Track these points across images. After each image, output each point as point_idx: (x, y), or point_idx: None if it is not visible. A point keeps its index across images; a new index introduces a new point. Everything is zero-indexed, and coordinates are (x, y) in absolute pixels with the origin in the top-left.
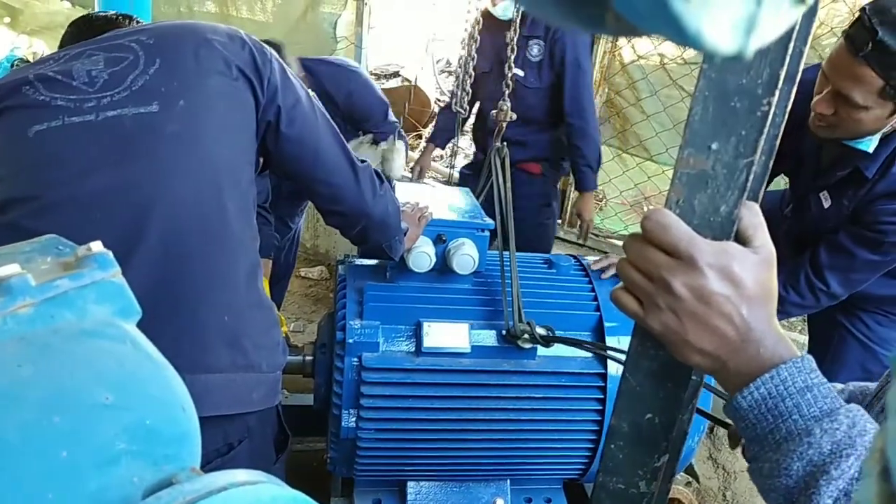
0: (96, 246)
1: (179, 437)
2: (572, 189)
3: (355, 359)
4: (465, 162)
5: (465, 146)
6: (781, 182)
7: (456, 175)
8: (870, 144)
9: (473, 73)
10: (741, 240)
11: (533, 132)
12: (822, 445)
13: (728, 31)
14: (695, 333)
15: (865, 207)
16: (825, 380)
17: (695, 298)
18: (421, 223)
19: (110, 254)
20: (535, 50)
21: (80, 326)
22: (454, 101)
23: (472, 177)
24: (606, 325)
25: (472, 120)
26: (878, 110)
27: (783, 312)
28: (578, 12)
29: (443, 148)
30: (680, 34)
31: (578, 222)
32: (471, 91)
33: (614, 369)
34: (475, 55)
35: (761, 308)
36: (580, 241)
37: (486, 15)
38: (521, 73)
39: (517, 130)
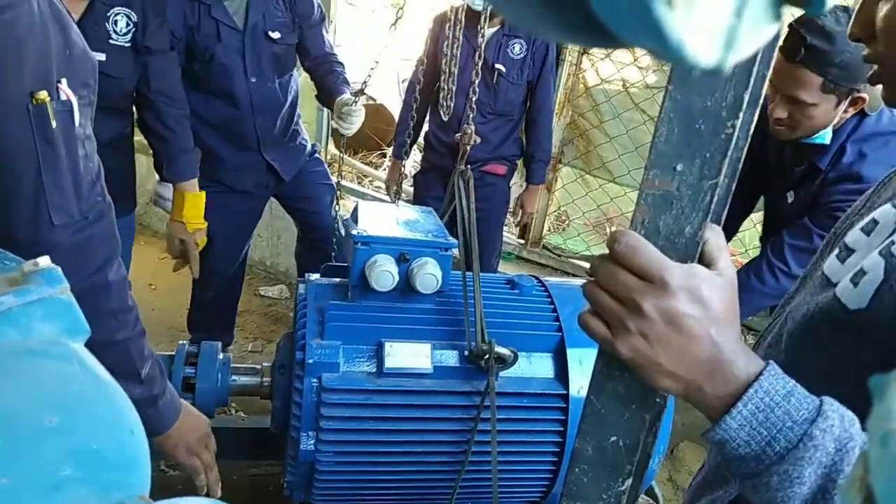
0: (44, 261)
1: (128, 463)
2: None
3: (315, 379)
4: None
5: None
6: None
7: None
8: (825, 137)
9: (454, 71)
10: (706, 262)
11: (504, 126)
12: (826, 446)
13: (708, 42)
14: (666, 357)
15: (821, 193)
16: (792, 379)
17: (665, 321)
18: (201, 454)
19: (58, 269)
20: (516, 48)
21: (24, 345)
22: (442, 100)
23: (432, 174)
24: (568, 347)
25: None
26: (824, 104)
27: (748, 304)
28: (556, 17)
29: (407, 158)
30: (661, 43)
31: (520, 213)
32: (453, 88)
33: (576, 390)
34: (456, 54)
35: (730, 329)
36: (543, 262)
37: (466, 13)
38: (502, 68)
39: (491, 125)
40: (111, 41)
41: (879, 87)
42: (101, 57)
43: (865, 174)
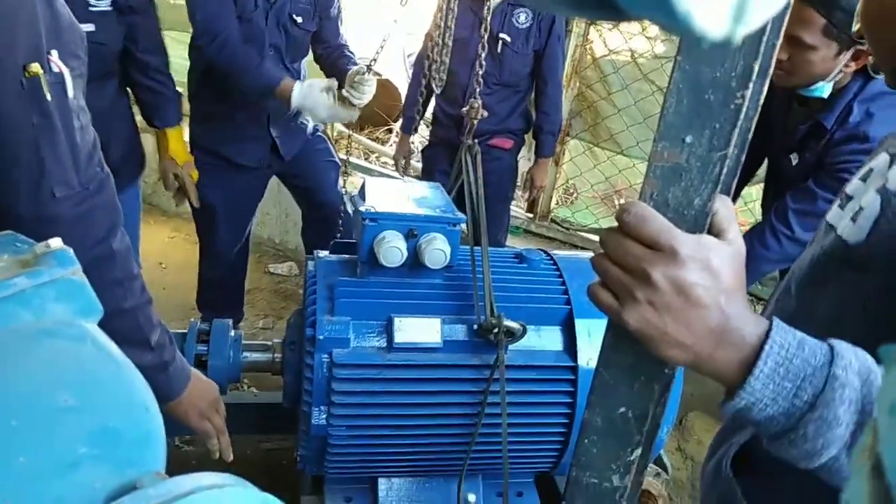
0: (55, 242)
1: (143, 440)
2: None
3: (326, 355)
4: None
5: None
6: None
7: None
8: (823, 90)
9: (449, 44)
10: (714, 232)
11: (511, 97)
12: (852, 382)
13: (717, 15)
14: (675, 326)
15: (826, 153)
16: (797, 329)
17: (674, 290)
18: (213, 419)
19: (70, 251)
20: (522, 17)
21: (38, 326)
22: (432, 70)
23: (439, 148)
24: (577, 319)
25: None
26: (824, 50)
27: (753, 271)
28: None
29: (416, 133)
30: (668, 16)
31: (530, 187)
32: (447, 60)
33: (584, 362)
34: (451, 25)
35: (738, 298)
36: (548, 232)
37: None
38: (507, 38)
39: (497, 96)
40: (91, 8)
41: None
42: (90, 28)
43: (872, 134)
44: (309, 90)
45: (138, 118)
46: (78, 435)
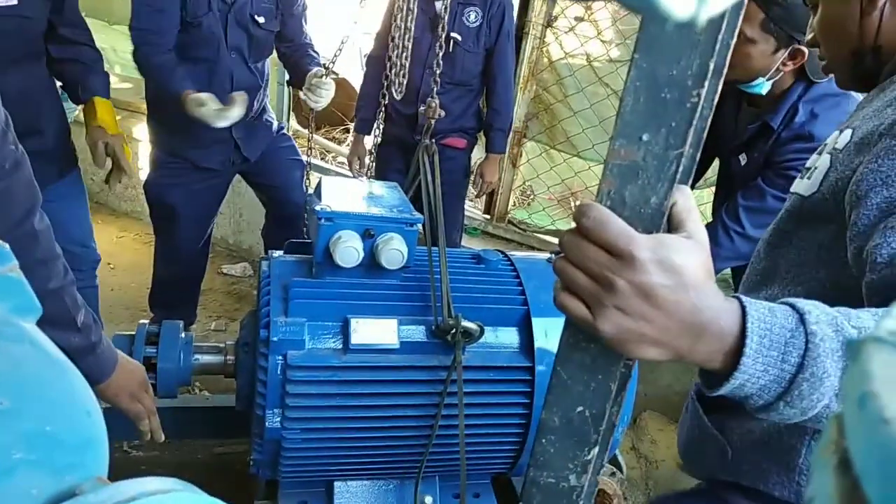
0: None
1: (84, 444)
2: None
3: (280, 357)
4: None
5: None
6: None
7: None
8: (762, 88)
9: (409, 46)
10: (673, 225)
11: (464, 96)
12: (827, 332)
13: None
14: (651, 328)
15: (774, 152)
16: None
17: (640, 295)
18: (143, 400)
19: (6, 246)
20: (472, 16)
21: None
22: (394, 74)
23: (391, 147)
24: (534, 318)
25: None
26: (762, 45)
27: None
28: None
29: (370, 134)
30: None
31: (480, 182)
32: (406, 64)
33: (541, 362)
34: (410, 26)
35: (707, 289)
36: (508, 237)
37: None
38: (458, 37)
39: (450, 96)
40: None
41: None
42: (13, 1)
43: (817, 133)
44: (189, 104)
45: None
46: (13, 439)
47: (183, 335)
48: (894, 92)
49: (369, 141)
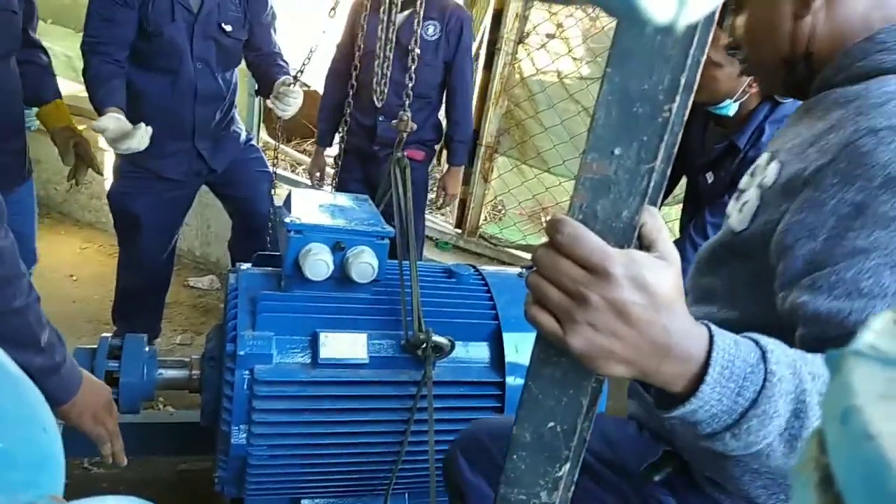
0: None
1: (39, 462)
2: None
3: (247, 371)
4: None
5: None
6: None
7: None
8: (729, 109)
9: (390, 56)
10: (645, 245)
11: (423, 108)
12: (784, 374)
13: None
14: (620, 345)
15: (739, 171)
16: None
17: (613, 311)
18: (106, 423)
19: None
20: (430, 30)
21: None
22: (376, 85)
23: (351, 157)
24: (504, 333)
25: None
26: (728, 68)
27: None
28: None
29: (330, 146)
30: None
31: (443, 195)
32: (388, 73)
33: (511, 377)
34: (381, 37)
35: (677, 311)
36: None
37: None
38: (417, 50)
39: (410, 108)
40: None
41: None
42: None
43: None
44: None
45: None
46: None
47: (147, 349)
48: (822, 121)
49: (332, 152)
